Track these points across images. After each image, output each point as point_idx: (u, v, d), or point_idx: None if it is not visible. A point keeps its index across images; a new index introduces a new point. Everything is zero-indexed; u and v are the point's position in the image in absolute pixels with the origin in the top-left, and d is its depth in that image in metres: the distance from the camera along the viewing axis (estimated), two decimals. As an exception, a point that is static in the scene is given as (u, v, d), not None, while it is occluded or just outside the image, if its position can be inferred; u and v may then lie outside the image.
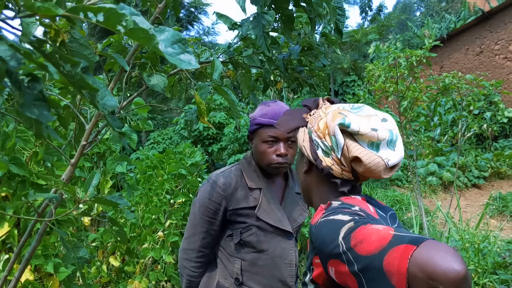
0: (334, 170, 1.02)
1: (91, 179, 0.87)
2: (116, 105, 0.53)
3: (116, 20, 0.42)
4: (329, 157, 1.02)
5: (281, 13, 1.45)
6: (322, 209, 0.94)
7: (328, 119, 1.03)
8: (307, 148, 1.07)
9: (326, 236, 0.81)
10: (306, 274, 0.97)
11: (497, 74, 12.92)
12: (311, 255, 0.92)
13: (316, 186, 1.12)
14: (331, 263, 0.80)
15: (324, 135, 1.03)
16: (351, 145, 0.98)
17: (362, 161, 0.96)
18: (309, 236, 0.94)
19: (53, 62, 0.47)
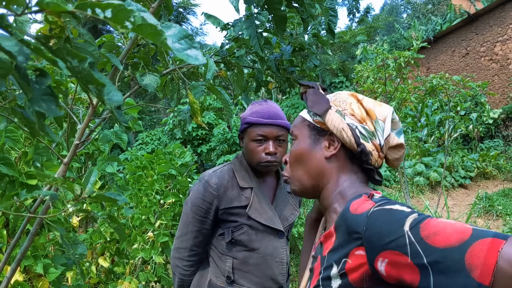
0: (372, 156, 1.00)
1: (89, 176, 0.87)
2: (122, 100, 0.54)
3: (124, 16, 0.43)
4: (369, 142, 1.00)
5: (273, 13, 1.46)
6: (366, 199, 0.90)
7: (369, 104, 1.02)
8: (347, 131, 1.01)
9: (383, 226, 0.78)
10: (329, 268, 0.91)
11: (483, 76, 13.09)
12: (348, 247, 0.86)
13: (336, 172, 1.05)
14: (385, 254, 0.77)
15: (364, 119, 1.00)
16: (392, 132, 1.00)
17: (403, 148, 0.99)
18: (342, 226, 0.89)
19: (60, 58, 0.47)
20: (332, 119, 1.04)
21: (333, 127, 1.03)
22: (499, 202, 7.02)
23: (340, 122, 1.02)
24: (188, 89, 1.55)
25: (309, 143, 1.10)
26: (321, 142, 1.07)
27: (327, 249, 0.96)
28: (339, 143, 1.03)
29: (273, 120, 1.79)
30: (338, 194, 1.03)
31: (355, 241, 0.84)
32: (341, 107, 1.04)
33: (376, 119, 1.00)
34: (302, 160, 1.11)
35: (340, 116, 1.03)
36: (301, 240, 6.91)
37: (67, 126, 1.48)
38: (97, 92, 0.53)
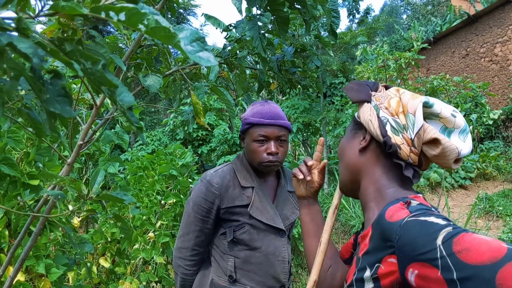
0: (402, 150, 0.97)
1: (96, 176, 0.88)
2: (133, 101, 0.55)
3: (138, 19, 0.43)
4: (399, 136, 0.97)
5: (276, 15, 1.47)
6: (402, 207, 0.88)
7: (405, 98, 1.00)
8: (374, 123, 1.01)
9: (417, 237, 0.76)
10: (363, 270, 0.91)
11: (483, 77, 13.10)
12: (381, 253, 0.86)
13: (371, 167, 1.05)
14: (415, 266, 0.76)
15: (397, 112, 0.99)
16: (428, 127, 0.94)
17: (441, 144, 0.93)
18: (377, 231, 0.89)
19: (74, 60, 0.48)
20: (363, 112, 1.05)
21: (363, 119, 1.04)
22: (499, 203, 7.03)
23: (369, 114, 1.02)
24: (191, 90, 1.55)
25: (348, 137, 1.13)
26: (358, 135, 1.09)
27: (362, 251, 0.95)
28: (369, 135, 1.04)
29: (274, 120, 1.80)
30: (375, 192, 1.03)
31: (388, 249, 0.83)
32: (380, 102, 1.04)
33: (407, 112, 0.97)
34: (342, 154, 1.14)
35: (373, 110, 1.03)
36: (301, 241, 6.91)
37: (71, 127, 1.49)
38: (109, 93, 0.53)
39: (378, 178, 1.03)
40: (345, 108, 8.88)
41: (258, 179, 1.89)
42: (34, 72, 0.47)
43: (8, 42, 0.44)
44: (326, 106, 8.51)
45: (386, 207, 0.90)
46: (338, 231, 6.96)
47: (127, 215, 3.54)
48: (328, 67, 6.80)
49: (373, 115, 1.02)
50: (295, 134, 8.35)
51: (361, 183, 1.07)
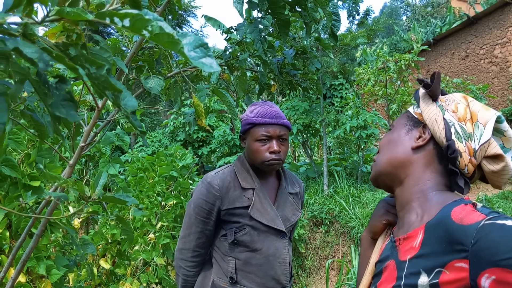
0: (462, 158, 0.94)
1: (99, 178, 0.88)
2: (136, 106, 0.56)
3: (142, 25, 0.44)
4: (462, 143, 0.94)
5: (277, 18, 1.48)
6: (473, 209, 0.84)
7: (476, 107, 0.97)
8: (440, 124, 0.97)
9: (498, 242, 0.73)
10: (415, 275, 0.87)
11: (482, 78, 13.11)
12: (446, 257, 0.82)
13: (421, 167, 1.01)
14: (493, 271, 0.73)
15: (465, 119, 0.96)
16: (493, 142, 0.93)
17: (504, 162, 0.92)
18: (439, 234, 0.85)
19: (79, 65, 0.49)
20: (428, 110, 1.02)
21: (427, 117, 1.01)
22: (499, 204, 7.02)
23: (434, 113, 0.99)
24: (193, 92, 1.56)
25: (402, 131, 1.08)
26: (413, 132, 1.05)
27: (408, 254, 0.92)
28: (429, 134, 1.00)
29: (276, 119, 1.81)
30: (419, 193, 0.99)
31: (457, 253, 0.79)
32: (445, 103, 1.01)
33: (476, 121, 0.94)
34: (389, 146, 1.09)
35: (439, 110, 1.00)
36: (301, 242, 6.92)
37: (73, 128, 1.50)
38: (113, 97, 0.54)
39: (426, 180, 0.99)
40: (344, 110, 8.89)
41: (259, 181, 1.90)
42: (39, 77, 0.48)
43: (14, 47, 0.45)
44: (326, 108, 8.52)
45: (448, 208, 0.87)
46: (338, 232, 6.96)
47: (128, 217, 3.54)
48: (328, 68, 6.81)
49: (439, 116, 0.98)
50: (295, 136, 8.35)
51: (404, 180, 1.03)
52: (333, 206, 7.28)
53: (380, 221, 1.15)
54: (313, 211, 7.29)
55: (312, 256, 6.84)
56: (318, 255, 6.84)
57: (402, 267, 0.92)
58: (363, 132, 7.37)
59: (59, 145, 2.46)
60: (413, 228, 0.95)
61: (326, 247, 6.86)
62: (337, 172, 8.55)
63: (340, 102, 10.63)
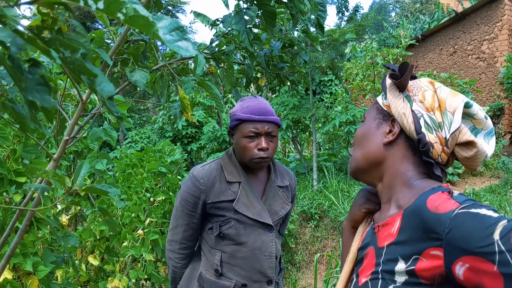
0: (434, 149, 0.93)
1: (80, 169, 0.87)
2: (114, 91, 0.55)
3: (117, 7, 0.43)
4: (433, 133, 0.93)
5: (263, 9, 1.47)
6: (448, 197, 0.84)
7: (443, 93, 0.95)
8: (408, 117, 0.95)
9: (471, 231, 0.73)
10: (393, 262, 0.87)
11: (470, 74, 13.21)
12: (421, 245, 0.82)
13: (396, 161, 1.00)
14: (466, 259, 0.73)
15: (433, 109, 0.94)
16: (463, 128, 0.92)
17: (476, 147, 0.91)
18: (415, 222, 0.85)
19: (53, 48, 0.48)
20: (395, 103, 0.99)
21: (395, 111, 0.99)
22: (486, 198, 7.10)
23: (402, 106, 0.97)
24: (178, 85, 1.55)
25: (372, 125, 1.06)
26: (383, 126, 1.03)
27: (386, 241, 0.91)
28: (399, 128, 0.99)
29: (265, 116, 1.80)
30: (401, 185, 0.98)
31: (432, 241, 0.80)
32: (412, 93, 0.99)
33: (445, 110, 0.93)
34: (362, 141, 1.07)
35: (406, 101, 0.98)
36: (291, 237, 6.94)
37: (56, 123, 1.48)
38: (89, 82, 0.53)
39: (404, 172, 0.98)
40: (334, 105, 8.91)
41: (246, 174, 1.89)
42: (12, 61, 0.47)
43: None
44: (316, 103, 8.53)
45: (425, 196, 0.87)
46: (327, 227, 6.99)
47: (116, 213, 3.52)
48: (317, 64, 6.82)
49: (407, 108, 0.96)
50: (285, 131, 8.36)
51: (383, 175, 1.02)
52: (322, 201, 7.31)
53: (360, 210, 1.14)
54: (303, 206, 7.31)
55: (302, 251, 6.87)
56: (307, 250, 6.86)
57: (380, 253, 0.92)
58: (352, 127, 7.40)
59: (45, 141, 2.44)
60: (392, 215, 0.95)
61: (315, 241, 6.89)
62: (327, 168, 8.58)
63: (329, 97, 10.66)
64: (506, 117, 12.39)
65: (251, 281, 1.84)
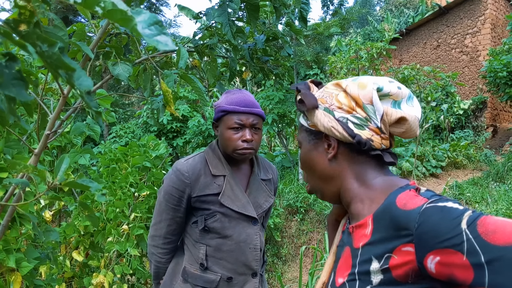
0: (374, 141, 0.95)
1: (60, 163, 0.86)
2: (92, 85, 0.54)
3: (95, 1, 0.43)
4: (365, 129, 0.95)
5: (246, 2, 1.47)
6: (416, 194, 0.86)
7: (353, 90, 0.96)
8: (338, 127, 0.96)
9: (439, 224, 0.75)
10: (367, 262, 0.88)
11: (453, 68, 13.35)
12: (393, 243, 0.83)
13: (347, 169, 1.01)
14: (436, 252, 0.75)
15: (353, 108, 0.96)
16: (388, 109, 0.94)
17: (407, 120, 0.93)
18: (386, 221, 0.86)
19: (30, 43, 0.47)
20: (320, 120, 1.00)
21: (323, 128, 0.99)
22: (468, 190, 7.21)
23: (328, 121, 0.98)
24: (161, 78, 1.54)
25: (310, 149, 1.07)
26: (320, 145, 1.04)
27: (360, 242, 0.92)
28: (335, 141, 0.99)
29: (249, 108, 1.80)
30: (360, 187, 1.00)
31: (403, 238, 0.81)
32: (328, 103, 1.00)
33: (363, 104, 0.95)
34: (310, 167, 1.08)
35: (328, 114, 0.98)
36: (277, 230, 6.97)
37: (38, 117, 1.46)
38: (67, 77, 0.52)
39: (358, 174, 1.00)
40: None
41: (230, 167, 1.90)
42: (-13, 55, 0.46)
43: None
44: (301, 97, 8.53)
45: (393, 196, 0.88)
46: (313, 220, 7.03)
47: (101, 208, 3.49)
48: (302, 57, 6.83)
49: (332, 120, 0.97)
50: (271, 126, 8.37)
51: (341, 185, 1.03)
52: (308, 194, 7.35)
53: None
54: (289, 200, 7.34)
55: (287, 244, 6.90)
56: (293, 243, 6.90)
57: (356, 254, 0.93)
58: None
59: (27, 136, 2.41)
60: (363, 216, 0.96)
61: (301, 235, 6.93)
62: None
63: (314, 91, 10.67)
64: (488, 110, 12.57)
65: (237, 274, 1.85)
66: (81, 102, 1.51)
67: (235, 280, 1.85)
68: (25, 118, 2.11)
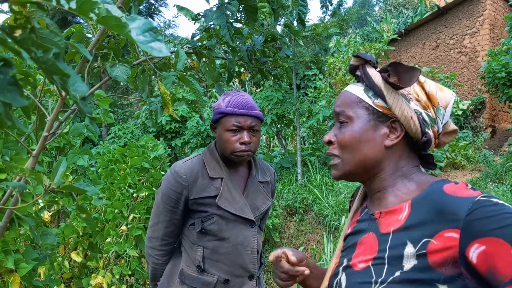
0: (432, 144, 0.96)
1: (58, 166, 0.86)
2: (87, 91, 0.54)
3: (89, 7, 0.43)
4: (430, 130, 0.95)
5: (244, 3, 1.47)
6: (466, 187, 0.86)
7: (432, 88, 0.95)
8: (415, 120, 0.93)
9: (493, 214, 0.76)
10: (401, 246, 0.87)
11: (452, 68, 13.36)
12: (435, 227, 0.82)
13: (393, 162, 0.99)
14: (484, 241, 0.75)
15: (428, 106, 0.94)
16: (449, 119, 0.96)
17: (457, 133, 0.96)
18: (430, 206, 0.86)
19: (25, 48, 0.47)
20: (400, 106, 0.94)
21: (401, 115, 0.94)
22: (467, 191, 7.22)
23: (408, 110, 0.94)
24: (159, 80, 1.54)
25: (367, 128, 0.98)
26: (380, 128, 0.97)
27: (391, 227, 0.91)
28: (402, 131, 0.96)
29: (248, 110, 1.80)
30: (397, 178, 0.99)
31: (448, 223, 0.80)
32: (406, 90, 0.96)
33: (438, 105, 0.94)
34: (358, 145, 0.99)
35: (406, 102, 0.95)
36: (276, 231, 6.96)
37: (36, 119, 1.46)
38: (61, 82, 0.53)
39: (400, 168, 0.99)
40: (318, 100, 8.94)
41: (228, 170, 1.89)
42: (-18, 61, 0.46)
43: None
44: (300, 98, 8.55)
45: (437, 185, 0.89)
46: (311, 221, 7.03)
47: (99, 209, 3.50)
48: (301, 58, 6.83)
49: (411, 111, 0.94)
50: (269, 126, 8.37)
51: (378, 173, 1.00)
52: (307, 195, 7.35)
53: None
54: (287, 200, 7.34)
55: (286, 245, 6.90)
56: (292, 244, 6.90)
57: (385, 239, 0.92)
58: (336, 121, 7.40)
59: (25, 137, 2.41)
60: (394, 204, 0.96)
61: (300, 235, 6.93)
62: (311, 162, 8.62)
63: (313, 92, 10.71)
64: (487, 111, 12.57)
65: (233, 276, 1.85)
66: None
67: (232, 282, 1.85)
68: (23, 120, 2.11)
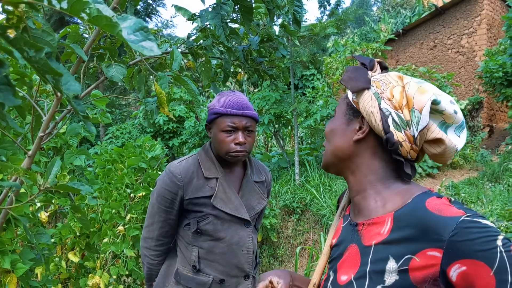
0: (403, 147, 0.93)
1: (51, 166, 0.86)
2: (80, 90, 0.54)
3: (80, 7, 0.43)
4: (401, 132, 0.93)
5: (240, 4, 1.47)
6: (448, 203, 0.86)
7: (411, 90, 0.93)
8: (376, 116, 0.94)
9: (477, 236, 0.77)
10: (383, 261, 0.87)
11: (450, 68, 13.38)
12: (418, 245, 0.83)
13: (367, 158, 1.00)
14: (465, 262, 0.77)
15: (401, 106, 0.93)
16: (432, 125, 0.91)
17: (445, 144, 0.91)
18: (412, 222, 0.85)
19: (17, 48, 0.47)
20: (364, 101, 0.97)
21: (363, 110, 0.97)
22: (464, 190, 7.22)
23: (371, 105, 0.95)
24: (155, 80, 1.54)
25: (343, 121, 1.05)
26: (353, 123, 1.02)
27: (373, 240, 0.91)
28: (368, 127, 0.98)
29: (243, 111, 1.80)
30: (374, 181, 0.99)
31: (432, 242, 0.81)
32: (380, 89, 0.97)
33: (412, 108, 0.92)
34: (332, 136, 1.07)
35: (374, 99, 0.96)
36: (273, 231, 6.97)
37: (32, 119, 1.46)
38: (54, 82, 0.53)
39: (377, 169, 0.99)
40: (316, 100, 8.95)
41: (223, 170, 1.90)
42: (-26, 60, 0.47)
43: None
44: (298, 98, 8.56)
45: (419, 199, 0.88)
46: (309, 220, 7.04)
47: (96, 209, 3.49)
48: (299, 58, 6.83)
49: (374, 107, 0.95)
50: (267, 126, 8.38)
51: (355, 170, 1.02)
52: (304, 195, 7.36)
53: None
54: (285, 200, 7.35)
55: (284, 245, 6.91)
56: (290, 244, 6.91)
57: (366, 252, 0.92)
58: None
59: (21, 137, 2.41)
60: (376, 214, 0.95)
61: (297, 235, 6.94)
62: (309, 162, 8.63)
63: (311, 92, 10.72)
64: (485, 110, 12.60)
65: (229, 276, 1.85)
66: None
67: (227, 282, 1.85)
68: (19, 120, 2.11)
